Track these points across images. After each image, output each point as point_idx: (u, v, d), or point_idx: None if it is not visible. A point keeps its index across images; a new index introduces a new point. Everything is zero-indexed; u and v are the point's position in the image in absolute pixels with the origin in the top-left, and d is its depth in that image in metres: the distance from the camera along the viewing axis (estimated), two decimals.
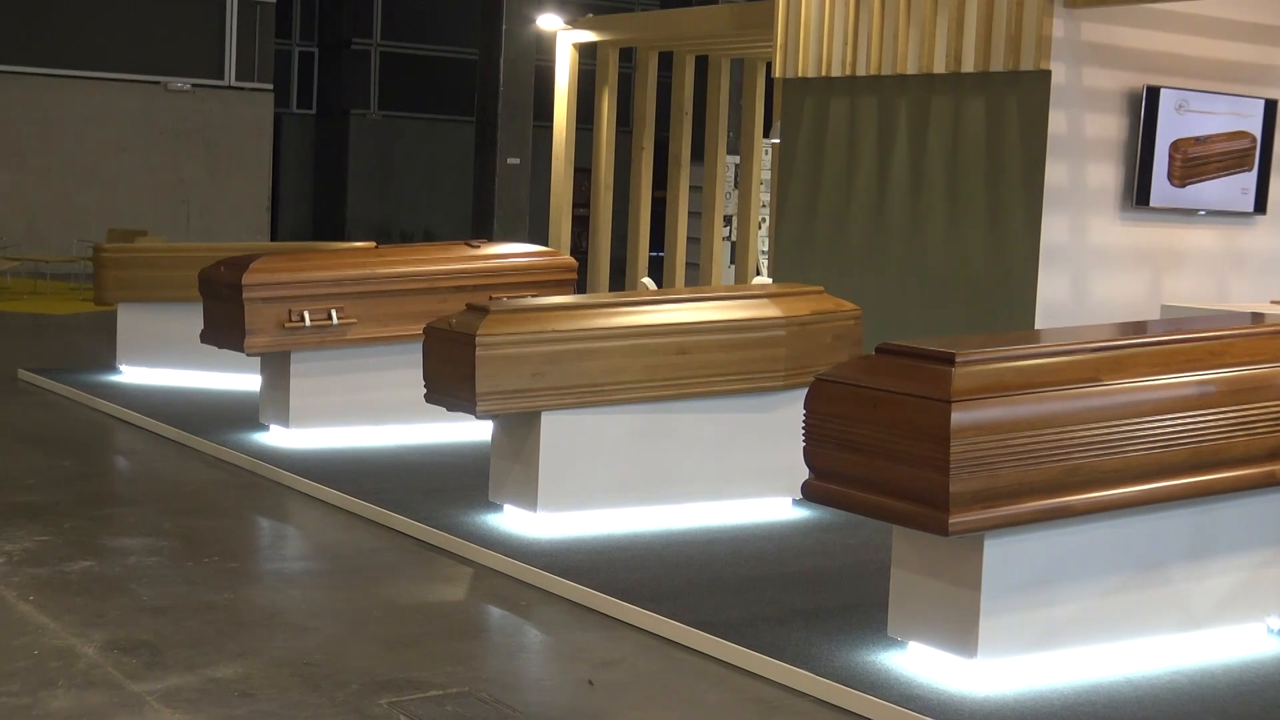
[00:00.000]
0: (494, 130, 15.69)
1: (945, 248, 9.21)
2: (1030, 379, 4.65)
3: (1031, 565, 4.77)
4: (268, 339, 8.16)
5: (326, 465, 7.80)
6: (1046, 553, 4.80)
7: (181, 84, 19.96)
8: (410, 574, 6.07)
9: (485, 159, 15.78)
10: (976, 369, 4.59)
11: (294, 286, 8.20)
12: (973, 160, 9.06)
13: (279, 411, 8.43)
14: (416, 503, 7.04)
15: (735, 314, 6.91)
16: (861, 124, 9.71)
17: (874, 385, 4.67)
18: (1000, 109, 8.92)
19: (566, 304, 6.81)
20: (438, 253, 8.83)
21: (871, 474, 4.65)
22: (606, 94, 13.53)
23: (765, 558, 6.31)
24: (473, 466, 7.79)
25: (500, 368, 6.40)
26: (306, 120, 23.59)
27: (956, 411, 4.45)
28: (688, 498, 6.93)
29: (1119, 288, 9.06)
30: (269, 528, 7.04)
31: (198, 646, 5.03)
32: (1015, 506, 4.56)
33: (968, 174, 9.08)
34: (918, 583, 4.85)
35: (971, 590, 4.70)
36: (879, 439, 4.61)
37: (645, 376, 6.69)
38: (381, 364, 8.49)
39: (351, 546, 6.51)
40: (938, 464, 4.45)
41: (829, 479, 4.80)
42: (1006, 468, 4.52)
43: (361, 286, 8.35)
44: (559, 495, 6.64)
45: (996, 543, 4.69)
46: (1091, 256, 8.95)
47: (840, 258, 9.81)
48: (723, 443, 6.96)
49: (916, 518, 4.54)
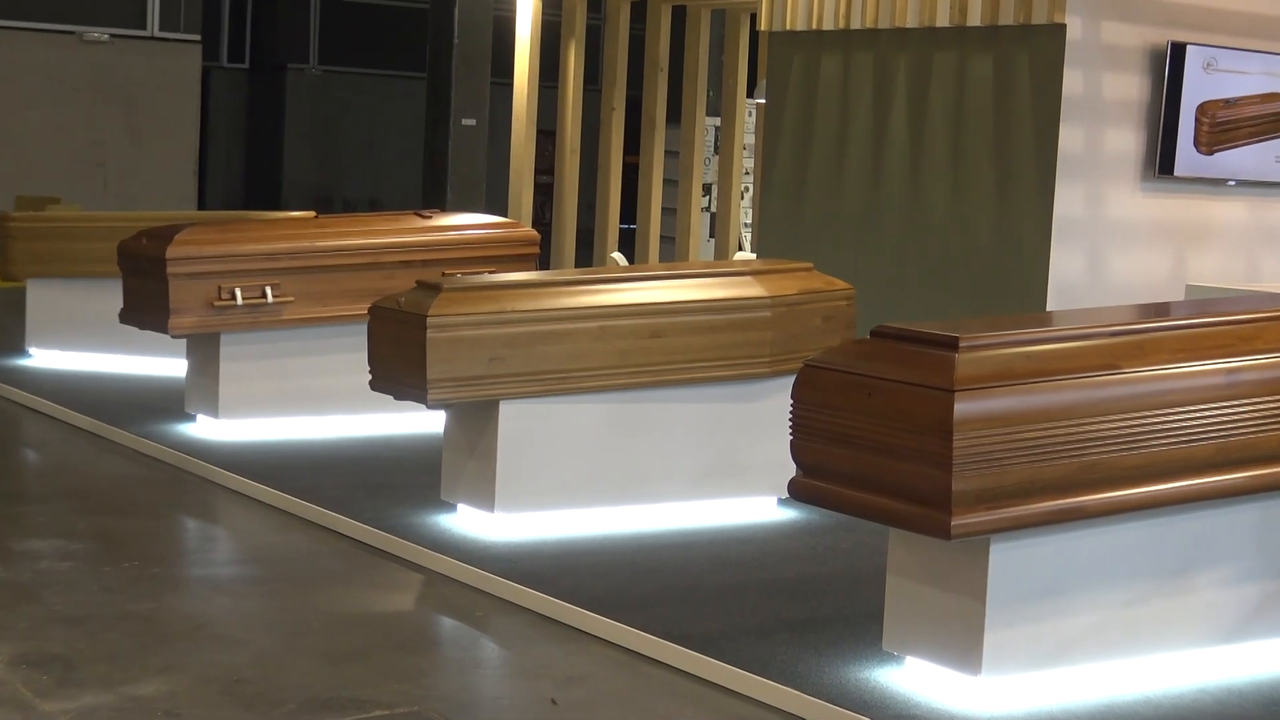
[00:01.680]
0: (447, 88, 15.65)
1: (948, 221, 9.23)
2: (1041, 366, 4.66)
3: (1042, 572, 4.79)
4: (194, 319, 8.13)
5: (260, 460, 7.79)
6: (1059, 558, 4.81)
7: (99, 34, 19.86)
8: (353, 581, 6.06)
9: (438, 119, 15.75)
10: (982, 355, 4.60)
11: (224, 261, 8.17)
12: (979, 124, 9.07)
13: (207, 400, 8.41)
14: (360, 502, 7.03)
15: (715, 293, 6.91)
16: (856, 83, 9.72)
17: (869, 372, 4.67)
18: (1010, 67, 8.93)
19: (528, 281, 6.80)
20: (385, 224, 8.81)
21: (865, 471, 4.66)
22: (573, 48, 13.52)
23: (747, 563, 6.32)
24: (423, 462, 7.78)
25: (454, 352, 6.40)
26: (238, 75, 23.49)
27: (960, 402, 4.46)
28: (662, 497, 6.93)
29: (1139, 265, 9.09)
30: (196, 529, 7.02)
31: (116, 661, 5.02)
32: (1024, 507, 4.57)
33: (973, 139, 9.10)
34: (916, 591, 4.87)
35: (975, 600, 4.72)
36: (874, 432, 4.62)
37: (615, 362, 6.69)
38: (322, 347, 8.47)
39: (288, 550, 6.50)
40: (939, 460, 4.46)
41: (818, 476, 4.80)
42: (1015, 464, 4.54)
43: (299, 261, 8.33)
44: (519, 494, 6.64)
45: (1004, 547, 4.71)
46: (1109, 231, 8.98)
47: (832, 231, 9.82)
48: (701, 436, 6.96)
49: (915, 519, 4.55)
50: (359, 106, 23.28)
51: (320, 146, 23.17)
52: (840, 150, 9.79)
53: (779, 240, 10.12)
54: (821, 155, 9.90)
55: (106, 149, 20.32)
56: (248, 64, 23.80)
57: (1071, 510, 4.66)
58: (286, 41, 23.36)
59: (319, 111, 23.20)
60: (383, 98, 23.40)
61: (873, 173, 9.62)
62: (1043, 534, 4.75)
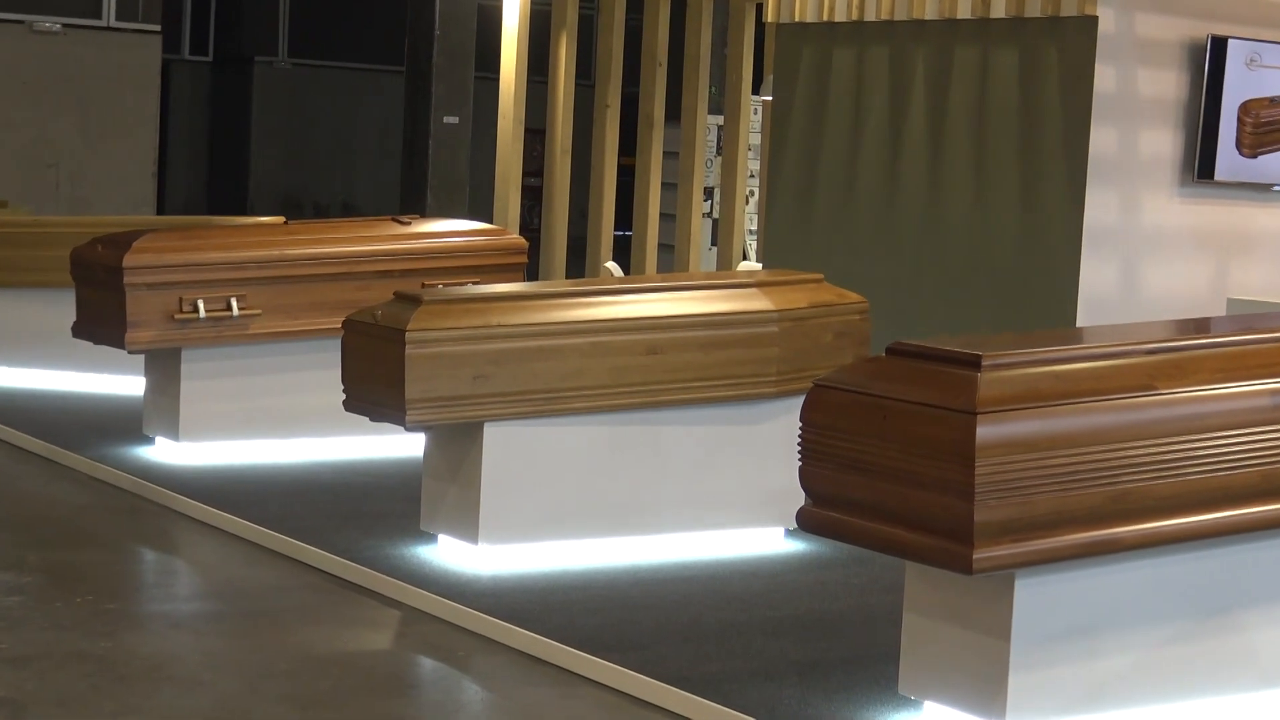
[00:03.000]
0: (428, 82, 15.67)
1: (970, 228, 9.24)
2: (1071, 387, 4.67)
3: (1071, 610, 4.79)
4: (154, 333, 8.14)
5: (225, 486, 7.78)
6: (1090, 595, 4.82)
7: (50, 24, 19.87)
8: (325, 618, 6.06)
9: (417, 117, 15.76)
10: (1007, 374, 4.61)
11: (186, 270, 8.18)
12: (1003, 124, 9.09)
13: (167, 421, 8.40)
14: (333, 532, 7.03)
15: (717, 307, 6.92)
16: (870, 79, 9.73)
17: (884, 393, 4.68)
18: (1037, 62, 8.95)
19: (515, 293, 6.80)
20: (360, 230, 8.81)
21: (880, 500, 4.66)
22: (564, 39, 13.53)
23: (752, 600, 6.32)
24: (401, 489, 7.78)
25: (434, 369, 6.40)
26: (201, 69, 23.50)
27: (983, 425, 4.46)
28: (660, 527, 6.93)
29: (1177, 277, 9.10)
30: (155, 561, 7.02)
31: (68, 704, 5.01)
32: (1053, 539, 4.57)
33: (997, 140, 9.12)
34: (935, 630, 4.87)
35: (999, 639, 4.72)
36: (889, 457, 4.63)
37: (609, 381, 6.70)
38: (291, 364, 8.47)
39: (254, 584, 6.50)
40: (960, 488, 4.47)
41: (829, 505, 4.81)
42: (1042, 493, 4.54)
43: (267, 270, 8.33)
44: (505, 523, 6.64)
45: (1030, 582, 4.71)
46: (1144, 240, 8.99)
47: (844, 240, 9.83)
48: (702, 461, 6.96)
49: (934, 552, 4.56)
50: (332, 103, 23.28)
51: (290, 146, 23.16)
52: (853, 152, 9.81)
53: (786, 249, 10.13)
54: (833, 157, 9.91)
55: (58, 148, 20.31)
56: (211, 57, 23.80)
57: (1103, 543, 4.66)
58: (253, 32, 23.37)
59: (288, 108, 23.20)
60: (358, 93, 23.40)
61: (888, 176, 9.63)
62: (1072, 569, 4.76)
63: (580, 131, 14.56)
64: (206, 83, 23.66)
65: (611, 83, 13.49)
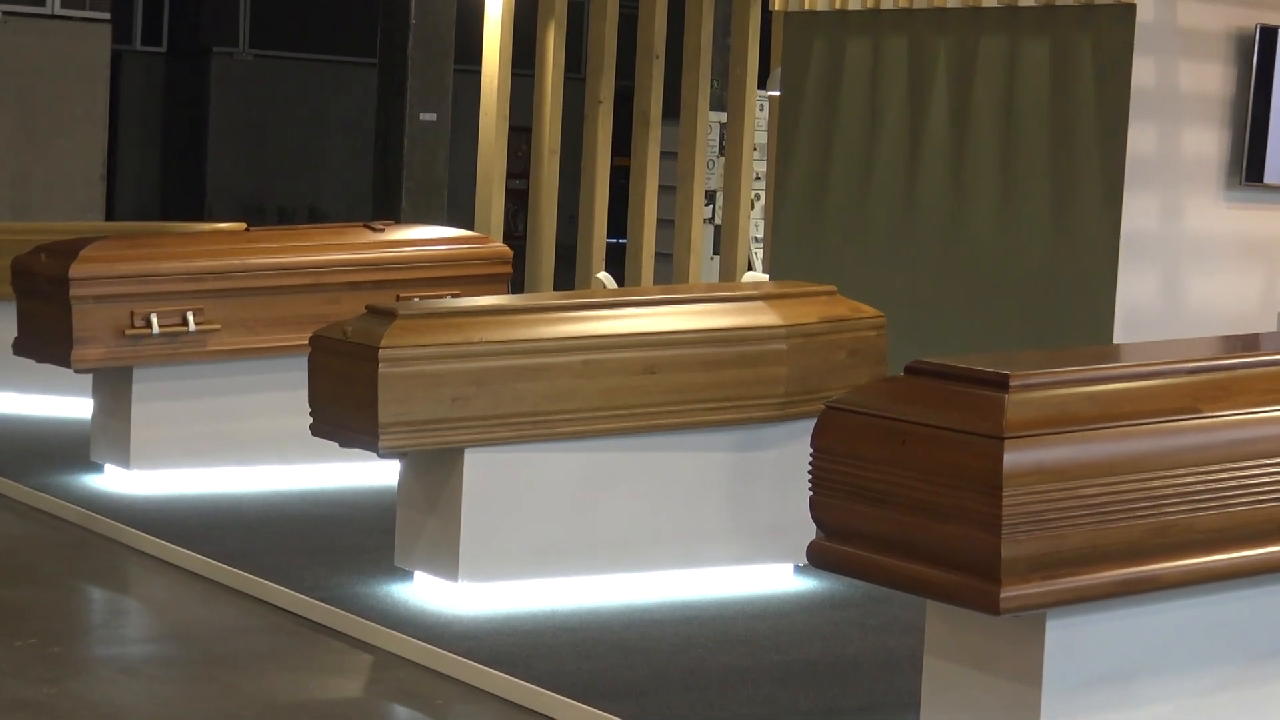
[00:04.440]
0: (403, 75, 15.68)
1: (997, 235, 9.25)
2: (1107, 409, 4.68)
3: (1108, 653, 4.80)
4: (103, 350, 8.14)
5: (180, 518, 7.78)
6: (1127, 637, 4.82)
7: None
8: (291, 662, 6.06)
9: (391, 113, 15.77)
10: (1036, 396, 4.62)
11: (137, 281, 8.18)
12: (1033, 121, 9.10)
13: (117, 447, 8.40)
14: (299, 568, 7.03)
15: (720, 321, 6.93)
16: (887, 73, 9.75)
17: (902, 416, 4.69)
18: (1069, 54, 8.96)
19: (498, 307, 6.81)
20: (328, 238, 8.82)
21: (898, 533, 4.67)
22: (552, 29, 13.55)
23: (758, 643, 6.33)
24: (374, 521, 7.78)
25: (410, 390, 6.41)
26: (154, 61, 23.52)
27: (1011, 451, 4.47)
28: (657, 564, 6.93)
29: (1223, 289, 9.11)
30: (103, 600, 7.01)
31: None
32: (1087, 576, 4.58)
33: (1026, 139, 9.13)
34: (958, 675, 4.87)
35: (1029, 686, 4.73)
36: (908, 487, 4.63)
37: (601, 403, 6.70)
38: (253, 384, 8.47)
39: (213, 626, 6.49)
40: (986, 520, 4.47)
41: (842, 539, 4.81)
42: (1076, 526, 4.55)
43: (227, 282, 8.34)
44: (487, 559, 6.65)
45: (1062, 624, 4.72)
46: (1187, 248, 9.00)
47: (859, 248, 9.84)
48: (703, 491, 6.97)
49: (958, 590, 4.56)
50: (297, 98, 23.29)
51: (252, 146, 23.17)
52: (868, 152, 9.82)
53: (796, 259, 10.14)
54: (846, 158, 9.92)
55: None
56: (165, 47, 23.81)
57: (1142, 580, 4.67)
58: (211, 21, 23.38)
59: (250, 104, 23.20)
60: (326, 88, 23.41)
61: (907, 179, 9.64)
62: (1108, 608, 4.76)
63: (570, 130, 14.57)
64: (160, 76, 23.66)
65: (604, 76, 13.50)
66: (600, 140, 13.50)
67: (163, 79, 23.96)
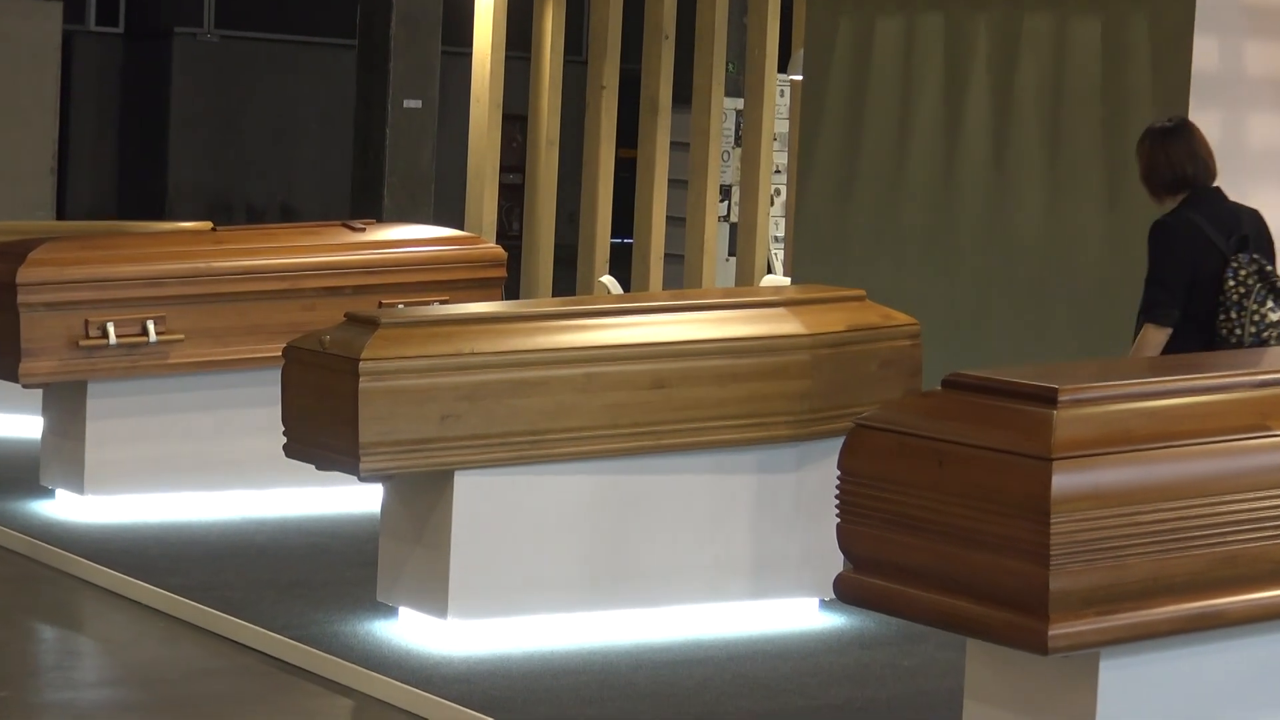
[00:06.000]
0: (384, 59, 15.70)
1: (1043, 234, 9.25)
2: (1167, 427, 4.68)
3: (1168, 698, 4.79)
4: (54, 363, 8.14)
5: (139, 549, 7.79)
6: (1190, 679, 4.82)
7: None
8: (262, 707, 6.06)
9: (372, 101, 15.79)
10: (1088, 412, 4.62)
11: (92, 287, 8.19)
12: (1083, 109, 9.10)
13: (69, 470, 8.41)
14: (271, 604, 7.04)
15: (737, 330, 6.94)
16: (922, 55, 9.75)
17: (939, 435, 4.69)
18: (1123, 34, 8.97)
19: (491, 315, 6.82)
20: (303, 239, 8.83)
21: (935, 564, 4.67)
22: (550, 6, 13.56)
23: (780, 686, 6.33)
24: (354, 551, 7.79)
25: (394, 407, 6.41)
26: (111, 42, 23.55)
27: (1060, 473, 4.47)
28: (667, 598, 6.94)
29: None
30: (54, 640, 7.01)
31: None
32: (1145, 612, 4.58)
33: (1076, 129, 9.13)
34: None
35: None
36: (946, 513, 4.64)
37: (606, 421, 6.71)
38: (220, 400, 8.48)
39: (175, 667, 6.49)
40: (1032, 550, 4.47)
41: (873, 571, 4.81)
42: (1132, 555, 4.55)
43: (191, 287, 8.34)
44: (479, 594, 6.65)
45: (1117, 664, 4.72)
46: None
47: (890, 248, 9.84)
48: (718, 518, 6.97)
49: (1001, 628, 4.56)
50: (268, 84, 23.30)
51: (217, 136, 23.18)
52: (901, 143, 9.82)
53: (820, 260, 10.15)
54: (876, 149, 9.93)
55: None
56: (122, 28, 23.83)
57: (1206, 616, 4.67)
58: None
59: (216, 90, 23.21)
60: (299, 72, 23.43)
61: (944, 172, 9.64)
62: (1168, 647, 4.76)
63: (570, 118, 14.58)
64: (117, 59, 23.68)
65: (608, 59, 13.51)
66: (603, 130, 13.50)
67: (119, 62, 23.97)
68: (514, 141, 17.92)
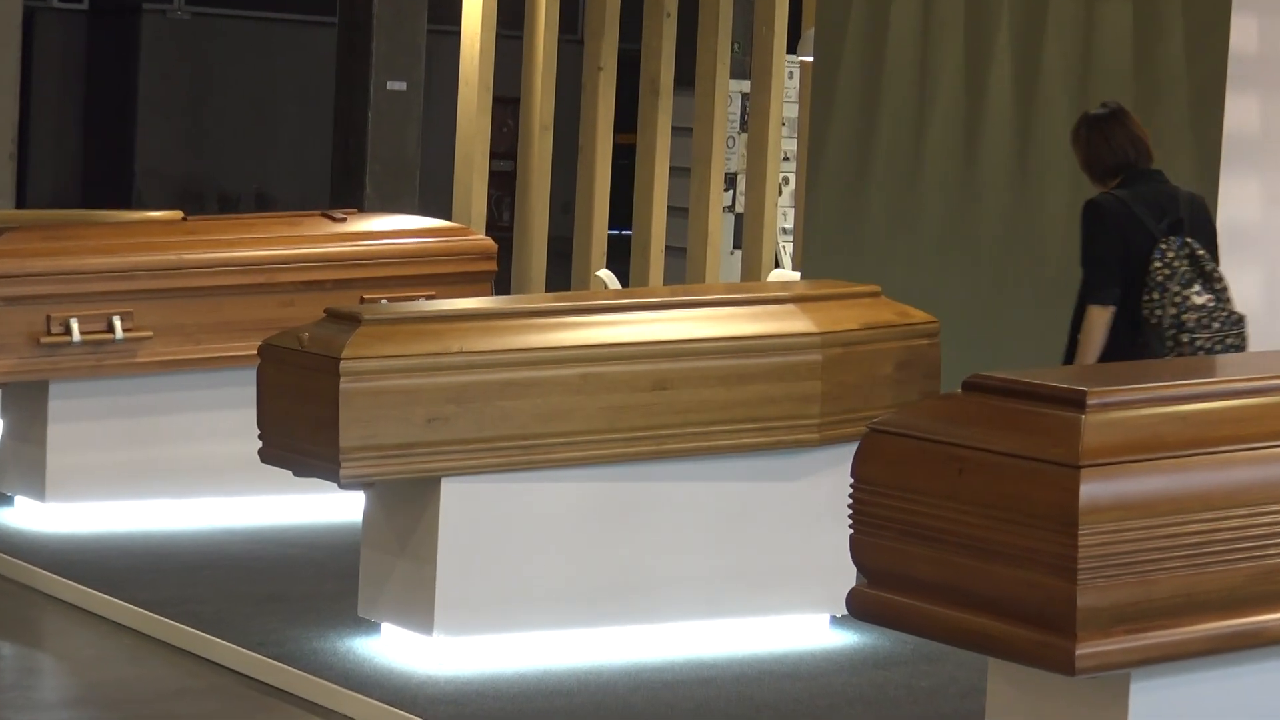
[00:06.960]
0: (367, 37, 15.71)
1: (1070, 228, 9.25)
2: (1201, 432, 4.68)
3: (1203, 719, 4.80)
4: (13, 361, 8.15)
5: (104, 560, 7.79)
6: (1225, 701, 4.82)
7: None
8: None
9: (353, 82, 15.80)
10: (1119, 416, 4.62)
11: (55, 280, 8.19)
12: (1113, 92, 9.10)
13: (29, 475, 8.41)
14: (245, 620, 7.04)
15: (743, 328, 6.94)
16: (940, 35, 9.76)
17: (959, 441, 4.69)
18: (1156, 12, 8.97)
19: (481, 311, 6.82)
20: (280, 229, 8.83)
21: (954, 578, 4.67)
22: None
23: (789, 707, 6.34)
24: (334, 563, 7.79)
25: (377, 409, 6.41)
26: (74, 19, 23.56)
27: (1089, 481, 4.47)
28: (669, 614, 6.94)
29: None
30: (14, 657, 7.02)
31: None
32: (1179, 630, 4.58)
33: None
34: None
35: None
36: (966, 524, 4.64)
37: (603, 425, 6.71)
38: (191, 402, 8.48)
39: (144, 687, 6.50)
40: (1059, 563, 4.47)
41: (888, 586, 4.82)
42: (1165, 569, 4.55)
43: (161, 281, 8.35)
44: (467, 608, 6.65)
45: (1150, 685, 4.72)
46: None
47: (906, 241, 9.85)
48: (723, 529, 6.98)
49: (1025, 646, 4.56)
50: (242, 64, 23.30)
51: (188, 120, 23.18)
52: (918, 128, 9.82)
53: (832, 254, 10.15)
54: (891, 135, 9.93)
55: None
56: (87, 4, 23.84)
57: (1244, 634, 4.67)
58: None
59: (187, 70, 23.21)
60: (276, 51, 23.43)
61: (964, 160, 9.65)
62: (1203, 667, 4.77)
63: (565, 101, 14.58)
64: (81, 37, 23.68)
65: (605, 38, 13.51)
66: (601, 114, 13.50)
67: (84, 41, 23.97)
68: (505, 126, 17.91)
